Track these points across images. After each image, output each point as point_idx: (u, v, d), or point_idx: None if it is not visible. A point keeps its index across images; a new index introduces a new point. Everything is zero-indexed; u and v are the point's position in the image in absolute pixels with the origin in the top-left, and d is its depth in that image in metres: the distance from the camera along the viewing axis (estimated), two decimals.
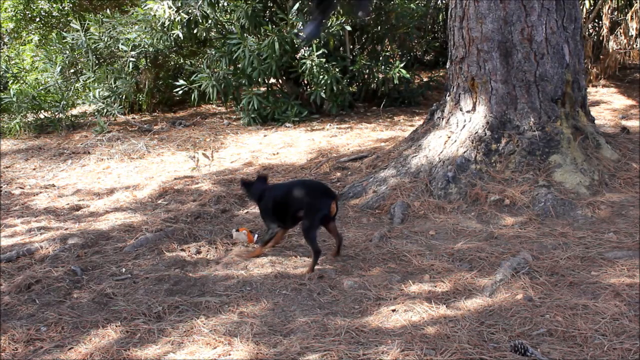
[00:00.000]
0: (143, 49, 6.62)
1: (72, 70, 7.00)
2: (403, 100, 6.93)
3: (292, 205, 2.86)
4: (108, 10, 7.12)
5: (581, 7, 6.31)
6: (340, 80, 6.18)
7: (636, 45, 7.13)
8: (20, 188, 4.73)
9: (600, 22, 7.28)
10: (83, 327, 2.33)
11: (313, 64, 5.93)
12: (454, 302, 2.38)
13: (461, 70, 3.84)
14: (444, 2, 8.37)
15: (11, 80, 7.65)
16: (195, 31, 6.52)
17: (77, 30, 6.68)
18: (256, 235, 3.26)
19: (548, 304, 2.29)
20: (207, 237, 3.26)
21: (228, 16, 6.63)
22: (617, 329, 2.09)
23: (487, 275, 2.60)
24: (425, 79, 7.52)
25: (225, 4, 6.42)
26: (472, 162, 3.62)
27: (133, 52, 6.57)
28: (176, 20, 6.28)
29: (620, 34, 7.03)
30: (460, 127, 3.82)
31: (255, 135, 5.92)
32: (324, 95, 6.17)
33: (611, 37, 7.02)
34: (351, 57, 6.62)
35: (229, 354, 2.07)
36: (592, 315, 2.18)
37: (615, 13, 7.44)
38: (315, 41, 5.99)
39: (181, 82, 6.58)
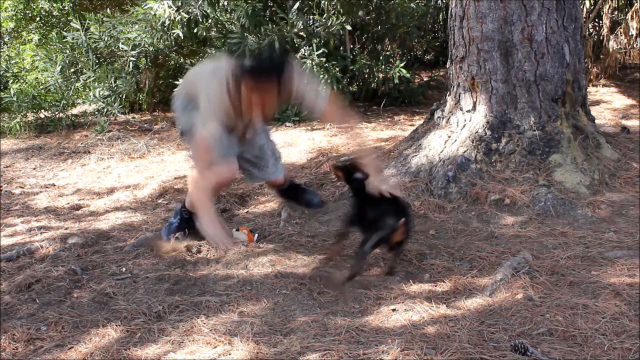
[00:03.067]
0: (143, 49, 6.61)
1: (72, 70, 6.99)
2: (403, 99, 6.93)
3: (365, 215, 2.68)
4: (108, 10, 7.12)
5: (581, 6, 6.30)
6: (341, 79, 6.17)
7: (636, 44, 7.12)
8: (21, 187, 4.73)
9: (601, 22, 7.28)
10: (83, 327, 2.33)
11: (313, 64, 5.92)
12: (454, 302, 2.38)
13: (461, 70, 3.84)
14: (444, 1, 8.36)
15: (11, 80, 7.64)
16: (195, 30, 6.51)
17: (78, 30, 6.67)
18: (256, 235, 3.25)
19: (548, 304, 2.29)
20: None
21: (228, 15, 6.62)
22: (617, 328, 2.09)
23: (487, 275, 2.60)
24: (425, 79, 7.52)
25: (226, 3, 6.42)
26: (472, 162, 3.62)
27: (133, 52, 6.57)
28: (176, 19, 6.28)
29: (621, 33, 7.02)
30: (460, 127, 3.81)
31: None
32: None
33: (611, 36, 7.01)
34: (351, 57, 6.61)
35: (229, 354, 2.07)
36: (592, 315, 2.18)
37: (616, 12, 7.44)
38: (315, 40, 5.99)
39: (181, 81, 6.57)
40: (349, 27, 6.26)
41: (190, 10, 6.23)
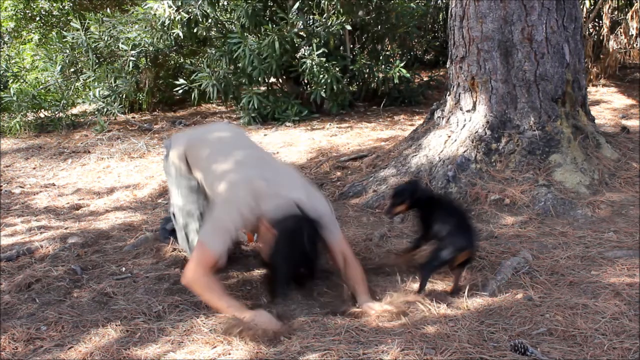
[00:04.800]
0: (143, 48, 6.62)
1: (72, 70, 6.99)
2: (403, 99, 6.93)
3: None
4: (108, 10, 7.13)
5: (581, 6, 6.31)
6: (341, 79, 6.18)
7: (636, 44, 7.12)
8: (21, 187, 4.73)
9: (601, 22, 7.28)
10: (83, 326, 2.33)
11: (313, 63, 5.93)
12: (454, 302, 2.38)
13: (461, 70, 3.84)
14: (444, 1, 8.36)
15: (11, 79, 7.65)
16: (195, 30, 6.52)
17: (77, 30, 6.68)
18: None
19: (548, 304, 2.29)
20: None
21: (228, 15, 6.63)
22: (617, 328, 2.09)
23: (488, 275, 2.60)
24: (425, 79, 7.52)
25: (226, 3, 6.42)
26: (472, 162, 3.62)
27: (133, 52, 6.58)
28: (176, 19, 6.28)
29: (621, 33, 7.03)
30: (460, 127, 3.82)
31: (256, 134, 5.92)
32: (324, 95, 6.17)
33: (611, 36, 7.02)
34: (351, 57, 6.62)
35: (229, 353, 2.07)
36: (592, 315, 2.18)
37: (616, 12, 7.44)
38: (315, 40, 5.99)
39: (181, 81, 6.58)
40: (349, 27, 6.26)
41: (190, 10, 6.24)
